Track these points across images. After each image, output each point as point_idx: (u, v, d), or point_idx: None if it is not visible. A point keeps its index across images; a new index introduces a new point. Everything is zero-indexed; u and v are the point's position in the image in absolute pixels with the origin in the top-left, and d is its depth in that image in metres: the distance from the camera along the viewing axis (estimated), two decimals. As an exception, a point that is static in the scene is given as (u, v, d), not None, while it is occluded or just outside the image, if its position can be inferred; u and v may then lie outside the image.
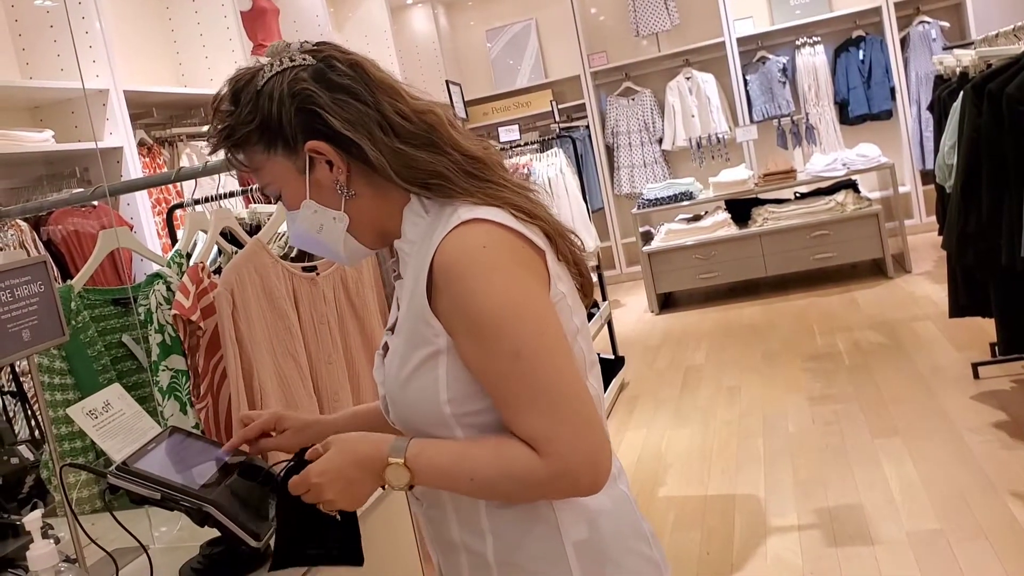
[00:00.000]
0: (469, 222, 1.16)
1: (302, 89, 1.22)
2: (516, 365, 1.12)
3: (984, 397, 4.23)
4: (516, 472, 1.14)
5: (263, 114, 1.24)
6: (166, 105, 4.89)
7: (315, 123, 1.22)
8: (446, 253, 1.15)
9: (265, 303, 2.06)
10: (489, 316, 1.13)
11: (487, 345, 1.14)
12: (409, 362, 1.22)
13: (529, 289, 1.16)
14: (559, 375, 1.14)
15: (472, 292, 1.13)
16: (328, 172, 1.25)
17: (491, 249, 1.15)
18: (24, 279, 1.49)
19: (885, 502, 3.44)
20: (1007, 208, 3.45)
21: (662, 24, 8.32)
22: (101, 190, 2.21)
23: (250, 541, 1.45)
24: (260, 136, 1.25)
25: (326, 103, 1.21)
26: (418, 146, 1.22)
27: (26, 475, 1.96)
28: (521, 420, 1.14)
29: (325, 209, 1.26)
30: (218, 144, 1.29)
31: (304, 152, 1.24)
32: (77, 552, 1.52)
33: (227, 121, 1.27)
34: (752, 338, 6.07)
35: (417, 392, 1.21)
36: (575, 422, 1.13)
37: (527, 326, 1.13)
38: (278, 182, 1.28)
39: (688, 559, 3.32)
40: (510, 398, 1.14)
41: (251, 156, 1.28)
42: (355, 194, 1.26)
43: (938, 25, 7.77)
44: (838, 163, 7.07)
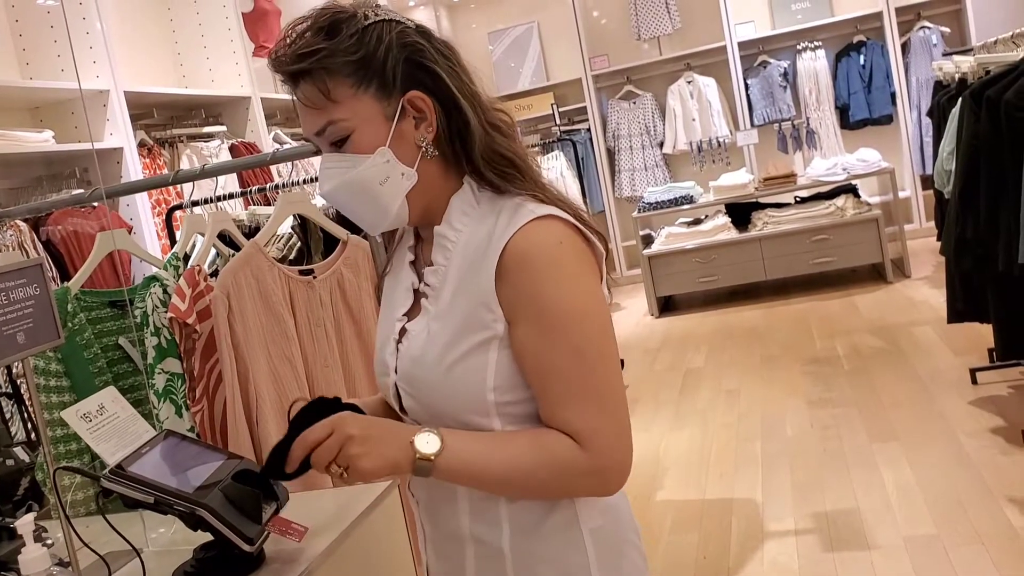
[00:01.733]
0: (544, 218, 1.19)
1: (415, 42, 1.23)
2: (577, 361, 1.17)
3: (982, 402, 4.23)
4: (556, 461, 1.17)
5: (368, 50, 1.21)
6: (167, 106, 4.89)
7: (422, 76, 1.23)
8: (524, 242, 1.17)
9: (261, 306, 2.06)
10: (560, 310, 1.17)
11: (552, 337, 1.17)
12: (458, 346, 1.22)
13: (596, 291, 1.21)
14: (612, 378, 1.20)
15: (546, 284, 1.17)
16: (412, 128, 1.24)
17: (566, 247, 1.19)
18: (20, 281, 1.49)
19: (882, 507, 3.44)
20: (1005, 214, 3.45)
21: (663, 28, 8.32)
22: (98, 192, 2.22)
23: (243, 545, 1.45)
24: (356, 69, 1.21)
25: (437, 61, 1.23)
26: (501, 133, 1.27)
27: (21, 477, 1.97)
28: (570, 412, 1.17)
29: (397, 162, 1.24)
30: (298, 63, 1.21)
31: (401, 99, 1.22)
32: (70, 555, 1.52)
33: (322, 45, 1.20)
34: (751, 342, 6.07)
35: (462, 376, 1.21)
36: (619, 425, 1.19)
37: (593, 326, 1.18)
38: (355, 121, 1.22)
39: (685, 563, 3.32)
40: (563, 391, 1.18)
41: (334, 86, 1.21)
42: (436, 155, 1.26)
43: (939, 31, 7.77)
44: (838, 168, 7.07)
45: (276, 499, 1.56)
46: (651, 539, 3.51)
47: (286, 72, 1.23)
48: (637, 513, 1.35)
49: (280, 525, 1.49)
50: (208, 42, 5.30)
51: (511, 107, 8.63)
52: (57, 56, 4.13)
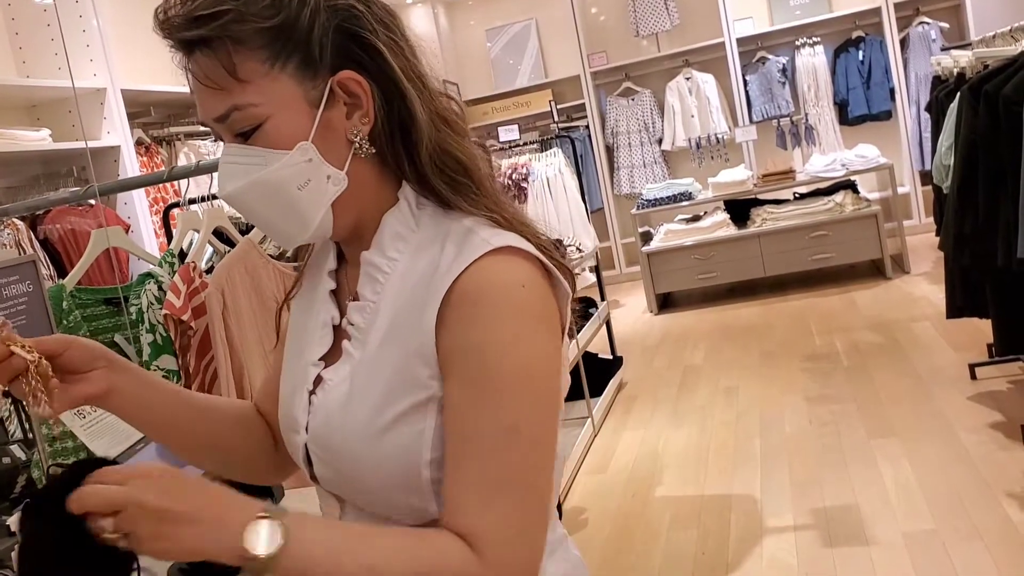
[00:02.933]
0: (502, 250, 0.94)
1: (350, 6, 0.96)
2: (506, 440, 0.91)
3: (981, 398, 4.22)
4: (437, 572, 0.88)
5: (288, 14, 0.93)
6: (164, 104, 4.89)
7: (357, 51, 0.96)
8: (476, 282, 0.92)
9: (256, 303, 2.06)
10: (505, 374, 0.91)
11: (486, 405, 0.91)
12: (389, 409, 0.96)
13: (553, 354, 0.96)
14: (544, 467, 0.94)
15: (496, 337, 0.91)
16: (343, 118, 0.97)
17: (530, 291, 0.93)
18: (13, 278, 1.49)
19: (881, 503, 3.44)
20: (1003, 209, 3.44)
21: (662, 24, 8.32)
22: (92, 189, 2.21)
23: (238, 541, 1.44)
24: (271, 39, 0.93)
25: (378, 32, 0.96)
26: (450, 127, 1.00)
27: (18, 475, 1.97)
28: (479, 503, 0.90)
29: (323, 161, 0.96)
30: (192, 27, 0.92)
31: (329, 80, 0.96)
32: (65, 552, 1.52)
33: (227, 5, 0.92)
34: (750, 338, 6.07)
35: (393, 447, 0.95)
36: (531, 528, 0.93)
37: (537, 400, 0.93)
38: (268, 107, 0.95)
39: (684, 559, 3.32)
40: (477, 473, 0.91)
41: (241, 61, 0.93)
42: (372, 152, 0.99)
43: (938, 26, 7.77)
44: (837, 164, 7.07)
45: (271, 496, 1.56)
46: (650, 535, 3.51)
47: (177, 40, 0.95)
48: (636, 510, 1.33)
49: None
50: (205, 40, 5.29)
51: (509, 104, 8.73)
52: (54, 54, 4.13)
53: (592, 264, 5.73)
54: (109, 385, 1.06)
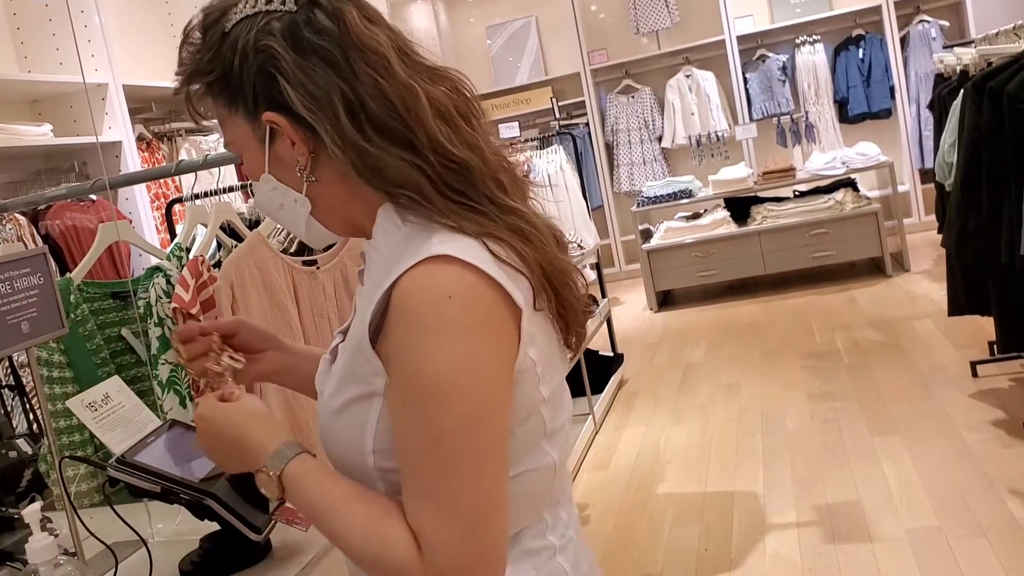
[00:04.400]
0: (439, 258, 0.95)
1: (266, 45, 1.00)
2: (432, 450, 0.94)
3: (983, 395, 4.23)
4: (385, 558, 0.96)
5: (224, 65, 1.03)
6: (165, 100, 4.88)
7: (275, 91, 1.01)
8: (406, 293, 0.95)
9: (265, 297, 2.06)
10: (425, 385, 0.94)
11: (412, 413, 0.95)
12: (341, 394, 1.04)
13: (485, 364, 0.96)
14: (476, 480, 0.95)
15: (418, 351, 0.94)
16: (290, 148, 1.04)
17: (456, 302, 0.94)
18: (24, 271, 1.49)
19: (884, 499, 3.44)
20: (1007, 206, 3.45)
21: (662, 22, 8.31)
22: (101, 182, 2.21)
23: (250, 535, 1.45)
24: (220, 89, 1.05)
25: (289, 69, 0.99)
26: (392, 141, 0.99)
27: (24, 468, 1.96)
28: (416, 507, 0.96)
29: (285, 188, 1.07)
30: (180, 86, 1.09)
31: (263, 121, 1.03)
32: (76, 545, 1.51)
33: (189, 64, 1.07)
34: (751, 336, 6.07)
35: (344, 429, 1.04)
36: (473, 536, 0.95)
37: (462, 411, 0.94)
38: (238, 144, 1.08)
39: (687, 555, 3.32)
40: (413, 479, 0.96)
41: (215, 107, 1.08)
42: (317, 180, 1.05)
43: (938, 24, 7.77)
44: (837, 162, 7.07)
45: (282, 489, 1.56)
46: (653, 532, 3.51)
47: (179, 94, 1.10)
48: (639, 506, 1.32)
49: (287, 514, 1.48)
50: (207, 36, 5.28)
51: (509, 102, 8.72)
52: (56, 49, 4.12)
53: (593, 261, 5.73)
54: (282, 364, 1.29)
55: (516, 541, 1.06)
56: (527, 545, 1.08)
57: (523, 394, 1.01)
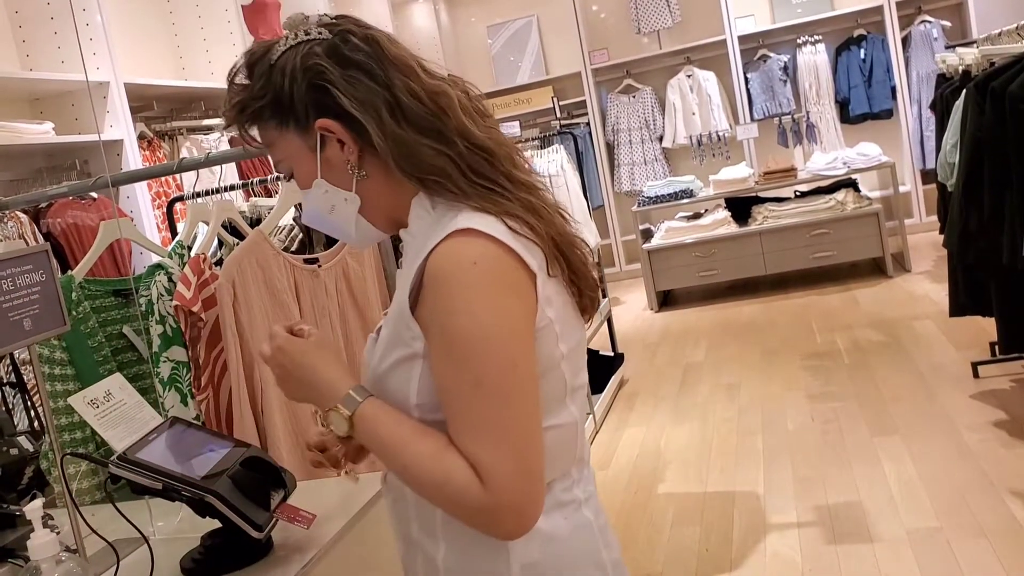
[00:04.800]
0: (464, 232, 1.13)
1: (314, 64, 1.19)
2: (475, 393, 1.10)
3: (984, 396, 4.22)
4: (449, 485, 1.11)
5: (275, 89, 1.21)
6: (166, 98, 4.88)
7: (326, 100, 1.19)
8: (437, 262, 1.12)
9: (266, 295, 2.06)
10: (462, 338, 1.10)
11: (454, 365, 1.11)
12: (388, 358, 1.20)
13: (510, 318, 1.12)
14: (516, 415, 1.11)
15: (452, 309, 1.10)
16: (339, 151, 1.22)
17: (481, 267, 1.11)
18: (26, 268, 1.49)
19: (884, 500, 3.44)
20: (1009, 207, 3.44)
21: (663, 22, 8.31)
22: (103, 180, 2.21)
23: (252, 532, 1.45)
24: (272, 112, 1.22)
25: (337, 79, 1.18)
26: (424, 132, 1.18)
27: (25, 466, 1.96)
28: (469, 442, 1.11)
29: (336, 189, 1.24)
30: (231, 120, 1.26)
31: (315, 130, 1.21)
32: (77, 542, 1.51)
33: (240, 95, 1.24)
34: (751, 336, 6.07)
35: (391, 388, 1.20)
36: (521, 465, 1.10)
37: (496, 358, 1.10)
38: (290, 160, 1.25)
39: (687, 555, 3.31)
40: (463, 421, 1.12)
41: (264, 132, 1.25)
42: (367, 175, 1.23)
43: (940, 24, 7.76)
44: (838, 162, 7.06)
45: (284, 486, 1.56)
46: (653, 532, 3.51)
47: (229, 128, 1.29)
48: (639, 506, 1.34)
49: (288, 512, 1.49)
50: (208, 34, 5.28)
51: (510, 101, 8.72)
52: (57, 48, 4.12)
53: (593, 261, 5.71)
54: None
55: (548, 492, 1.20)
56: (558, 497, 1.23)
57: (544, 349, 1.16)
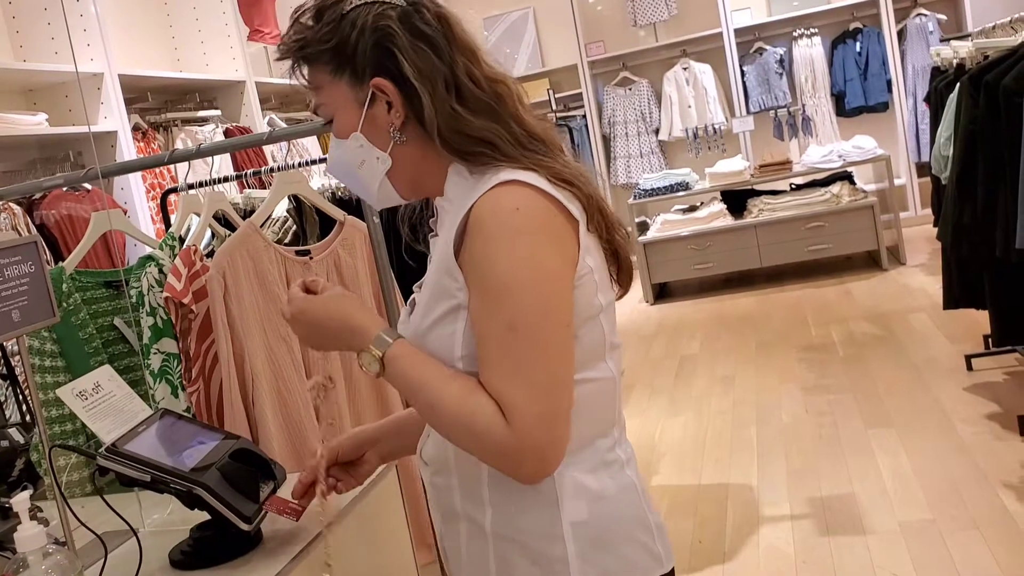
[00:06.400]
0: (508, 183, 1.17)
1: (386, 26, 1.23)
2: (508, 335, 1.14)
3: (977, 389, 4.23)
4: (475, 424, 1.14)
5: (341, 37, 1.24)
6: (161, 90, 4.86)
7: (387, 62, 1.23)
8: (481, 209, 1.16)
9: (257, 287, 2.05)
10: (499, 280, 1.14)
11: (489, 307, 1.15)
12: (431, 314, 1.23)
13: (549, 263, 1.16)
14: (547, 360, 1.15)
15: (492, 253, 1.14)
16: (385, 113, 1.25)
17: (523, 213, 1.16)
18: (15, 259, 1.48)
19: (878, 492, 3.45)
20: (1002, 200, 3.44)
21: (660, 14, 8.29)
22: (94, 171, 2.20)
23: (240, 524, 1.44)
24: (332, 57, 1.26)
25: (404, 46, 1.23)
26: (478, 112, 1.23)
27: (16, 458, 1.96)
28: (498, 383, 1.14)
29: (371, 146, 1.27)
30: (287, 54, 1.29)
31: (368, 86, 1.25)
32: (66, 534, 1.51)
33: (304, 34, 1.27)
34: (746, 328, 6.07)
35: (434, 344, 1.22)
36: (546, 408, 1.14)
37: (531, 301, 1.14)
38: (334, 106, 1.29)
39: (681, 547, 3.32)
40: (494, 361, 1.15)
41: (316, 74, 1.28)
42: (406, 140, 1.26)
43: (935, 18, 7.75)
44: (834, 155, 7.06)
45: (273, 479, 1.56)
46: (647, 524, 3.51)
47: (281, 59, 1.32)
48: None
49: (277, 504, 1.49)
50: (203, 26, 5.26)
51: (507, 93, 8.68)
52: (51, 38, 4.10)
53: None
54: (380, 460, 1.49)
55: (593, 451, 1.25)
56: (603, 456, 1.26)
57: (584, 297, 1.20)
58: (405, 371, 1.21)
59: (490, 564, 1.26)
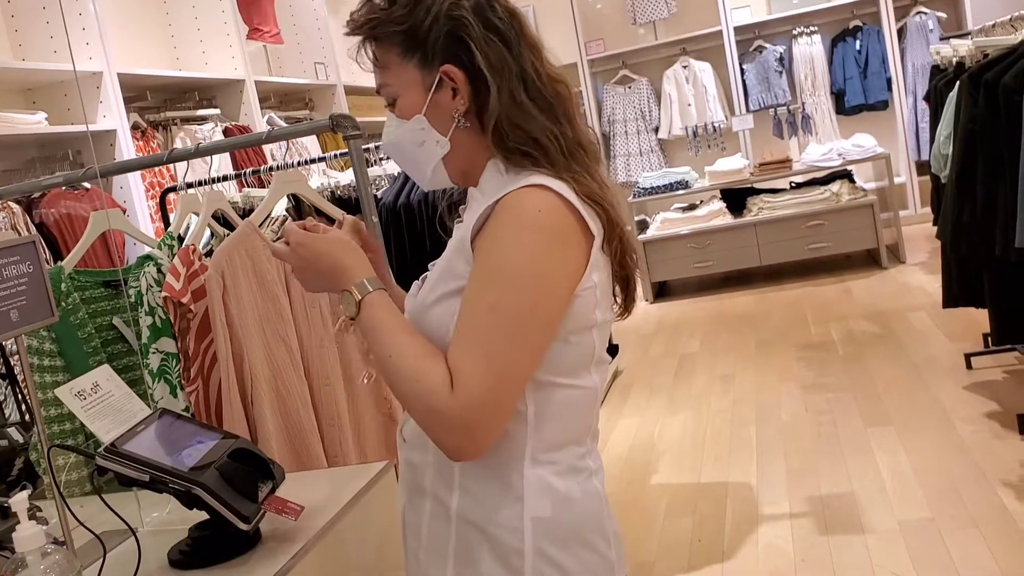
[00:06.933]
0: (537, 186, 1.21)
1: (460, 16, 1.27)
2: (486, 315, 1.18)
3: (976, 387, 4.23)
4: (422, 382, 1.18)
5: (415, 22, 1.28)
6: (160, 88, 4.86)
7: (459, 51, 1.27)
8: (506, 202, 1.21)
9: (256, 286, 2.05)
10: (498, 264, 1.19)
11: (480, 286, 1.20)
12: (437, 290, 1.28)
13: (550, 265, 1.20)
14: (513, 350, 1.19)
15: (501, 239, 1.19)
16: (450, 99, 1.29)
17: (543, 214, 1.20)
18: (13, 259, 1.48)
19: (877, 491, 3.45)
20: (1002, 198, 3.44)
21: (659, 12, 8.29)
22: (92, 171, 2.20)
23: (239, 524, 1.44)
24: (403, 40, 1.29)
25: (477, 37, 1.27)
26: (540, 109, 1.28)
27: (15, 457, 1.96)
28: (457, 354, 1.18)
29: (432, 130, 1.30)
30: (357, 30, 1.32)
31: (437, 72, 1.28)
32: (65, 534, 1.51)
33: (377, 14, 1.30)
34: (746, 327, 6.07)
35: (434, 319, 1.26)
36: (492, 394, 1.17)
37: (519, 292, 1.18)
38: (399, 87, 1.32)
39: (680, 546, 3.32)
40: (463, 333, 1.20)
41: (385, 54, 1.31)
42: (467, 127, 1.30)
43: (935, 16, 7.75)
44: (834, 153, 7.06)
45: (272, 478, 1.56)
46: (646, 522, 3.52)
47: (350, 34, 1.35)
48: (632, 497, 1.36)
49: (276, 504, 1.49)
50: (202, 24, 5.26)
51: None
52: (50, 37, 4.10)
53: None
54: None
55: (565, 455, 1.28)
56: (573, 463, 1.29)
57: (582, 308, 1.24)
58: (378, 318, 1.25)
59: (449, 545, 1.29)
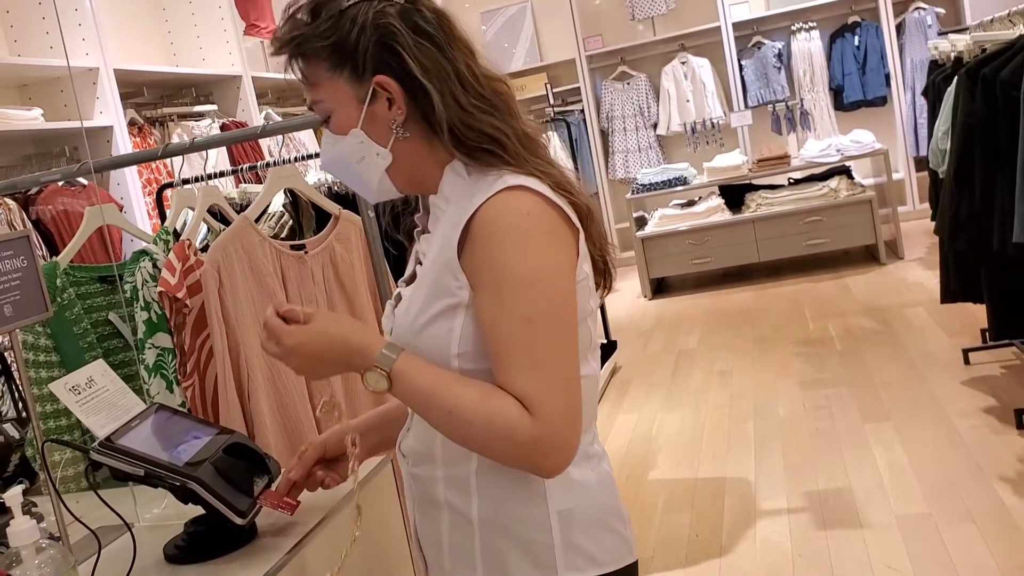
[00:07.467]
0: (515, 188, 1.19)
1: (388, 23, 1.23)
2: (527, 330, 1.16)
3: (974, 383, 4.23)
4: (499, 422, 1.15)
5: (341, 34, 1.24)
6: (157, 84, 4.85)
7: (390, 60, 1.23)
8: (489, 214, 1.18)
9: (252, 281, 2.05)
10: (515, 277, 1.16)
11: (505, 304, 1.17)
12: (427, 311, 1.24)
13: (558, 263, 1.20)
14: (562, 352, 1.18)
15: (506, 252, 1.17)
16: (386, 109, 1.26)
17: (534, 216, 1.19)
18: (7, 253, 1.47)
19: (875, 486, 3.45)
20: (1000, 193, 3.44)
21: (658, 8, 8.28)
22: (87, 166, 2.19)
23: (235, 519, 1.44)
24: (331, 54, 1.25)
25: (407, 44, 1.23)
26: (483, 110, 1.25)
27: (11, 453, 1.95)
28: (518, 378, 1.16)
29: (371, 143, 1.27)
30: (282, 49, 1.28)
31: (370, 83, 1.24)
32: (61, 529, 1.51)
33: (301, 30, 1.26)
34: (744, 323, 6.07)
35: (429, 341, 1.23)
36: (567, 400, 1.17)
37: (546, 296, 1.17)
38: (332, 103, 1.28)
39: (677, 541, 3.32)
40: (513, 358, 1.17)
41: (313, 70, 1.27)
42: (408, 136, 1.26)
43: (934, 12, 7.75)
44: (832, 149, 7.06)
45: (268, 473, 1.55)
46: (644, 518, 3.52)
47: (276, 54, 1.30)
48: (630, 492, 1.37)
49: (272, 499, 1.48)
50: (199, 20, 5.26)
51: (504, 88, 8.67)
52: (46, 33, 4.10)
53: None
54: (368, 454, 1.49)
55: None
56: (585, 449, 1.28)
57: (579, 301, 1.23)
58: (416, 382, 1.20)
59: (475, 552, 1.27)
